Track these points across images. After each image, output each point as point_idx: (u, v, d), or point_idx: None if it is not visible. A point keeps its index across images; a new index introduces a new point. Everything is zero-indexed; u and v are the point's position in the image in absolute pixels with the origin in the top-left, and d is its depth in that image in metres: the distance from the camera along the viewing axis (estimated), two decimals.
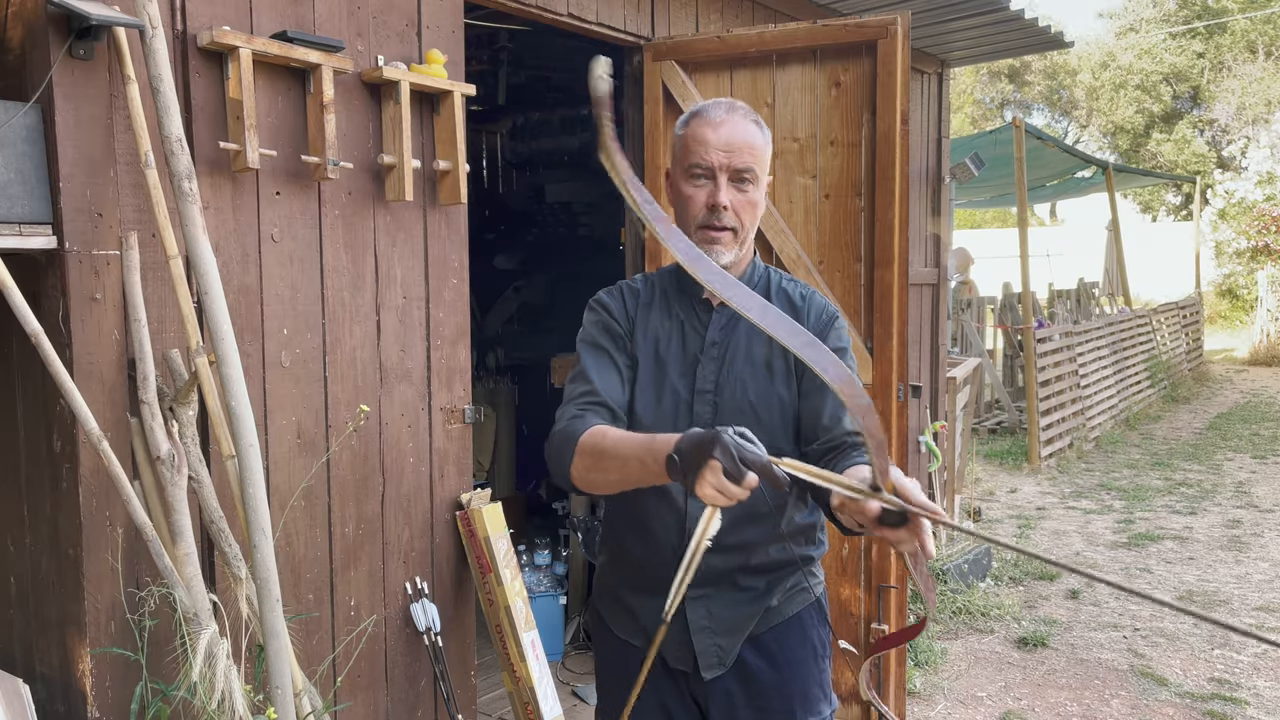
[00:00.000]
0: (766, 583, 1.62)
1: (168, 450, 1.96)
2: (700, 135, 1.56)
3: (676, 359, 1.61)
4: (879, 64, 3.03)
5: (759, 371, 1.59)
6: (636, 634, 1.67)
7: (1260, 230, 16.61)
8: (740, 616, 1.61)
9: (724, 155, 1.55)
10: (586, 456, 1.46)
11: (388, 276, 2.55)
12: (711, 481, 1.19)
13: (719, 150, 1.55)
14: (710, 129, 1.56)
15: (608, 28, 3.21)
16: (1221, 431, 9.48)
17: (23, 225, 1.89)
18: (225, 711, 1.84)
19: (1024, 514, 6.50)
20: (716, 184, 1.56)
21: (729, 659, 1.62)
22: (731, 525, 1.55)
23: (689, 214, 1.58)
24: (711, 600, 1.60)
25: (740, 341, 1.60)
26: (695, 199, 1.57)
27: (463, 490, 2.79)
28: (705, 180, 1.57)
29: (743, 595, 1.61)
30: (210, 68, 2.16)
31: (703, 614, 1.60)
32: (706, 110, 1.60)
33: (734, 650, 1.62)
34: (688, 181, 1.58)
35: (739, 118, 1.58)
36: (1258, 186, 17.66)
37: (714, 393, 1.58)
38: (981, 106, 25.80)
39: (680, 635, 1.61)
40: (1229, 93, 23.17)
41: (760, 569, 1.61)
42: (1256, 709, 3.55)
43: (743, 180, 1.57)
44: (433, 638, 2.65)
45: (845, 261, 3.18)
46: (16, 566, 2.22)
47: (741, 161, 1.56)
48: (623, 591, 1.70)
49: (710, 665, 1.61)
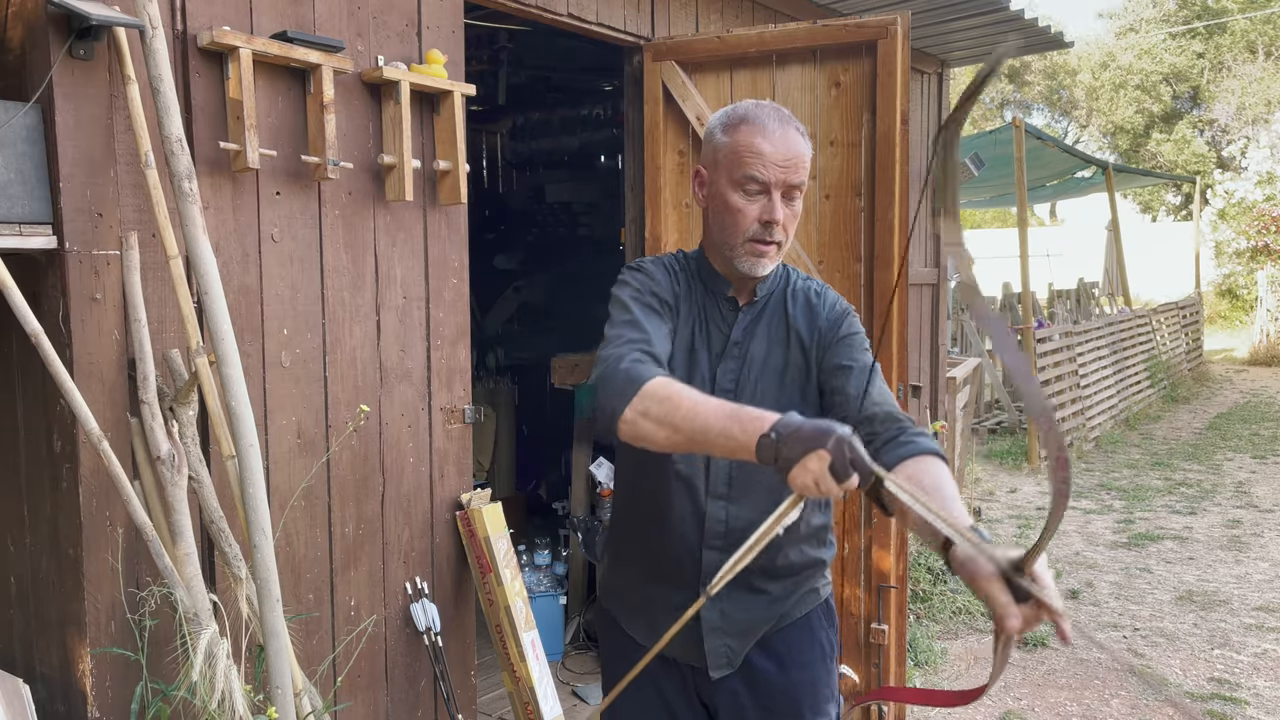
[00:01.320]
0: (782, 587, 1.62)
1: (168, 450, 1.96)
2: (756, 147, 1.52)
3: (702, 351, 1.61)
4: (879, 64, 3.03)
5: (775, 374, 1.59)
6: (648, 632, 1.66)
7: (1260, 230, 16.61)
8: (753, 619, 1.62)
9: (781, 171, 1.52)
10: (653, 401, 1.36)
11: (388, 276, 2.55)
12: (814, 470, 1.17)
13: (777, 166, 1.52)
14: (767, 141, 1.52)
15: (608, 28, 3.21)
16: (1221, 431, 9.48)
17: (23, 225, 1.89)
18: (225, 711, 1.84)
19: (1024, 514, 6.50)
20: (771, 199, 1.53)
21: (738, 660, 1.62)
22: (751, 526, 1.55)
23: (738, 226, 1.55)
24: (725, 601, 1.60)
25: (760, 343, 1.61)
26: (747, 212, 1.55)
27: (463, 490, 2.79)
28: (760, 194, 1.54)
29: (758, 599, 1.61)
30: (210, 68, 2.16)
31: (716, 614, 1.60)
32: (759, 118, 1.55)
33: (743, 652, 1.62)
34: (738, 192, 1.55)
35: (792, 130, 1.55)
36: (1257, 186, 17.66)
37: (734, 392, 1.58)
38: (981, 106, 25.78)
39: (692, 633, 1.61)
40: (1229, 93, 23.18)
41: (777, 573, 1.61)
42: (1256, 709, 3.55)
43: (792, 196, 1.56)
44: (433, 638, 2.65)
45: (845, 261, 3.18)
46: (16, 566, 2.22)
47: (797, 178, 1.54)
48: (638, 585, 1.70)
49: (719, 665, 1.62)
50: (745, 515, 1.56)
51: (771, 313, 1.63)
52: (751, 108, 1.58)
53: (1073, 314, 10.66)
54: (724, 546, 1.57)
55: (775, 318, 1.62)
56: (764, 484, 1.56)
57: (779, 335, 1.61)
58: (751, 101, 1.61)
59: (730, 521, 1.57)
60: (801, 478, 1.18)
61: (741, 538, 1.55)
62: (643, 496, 1.66)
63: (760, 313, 1.62)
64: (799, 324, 1.62)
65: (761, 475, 1.54)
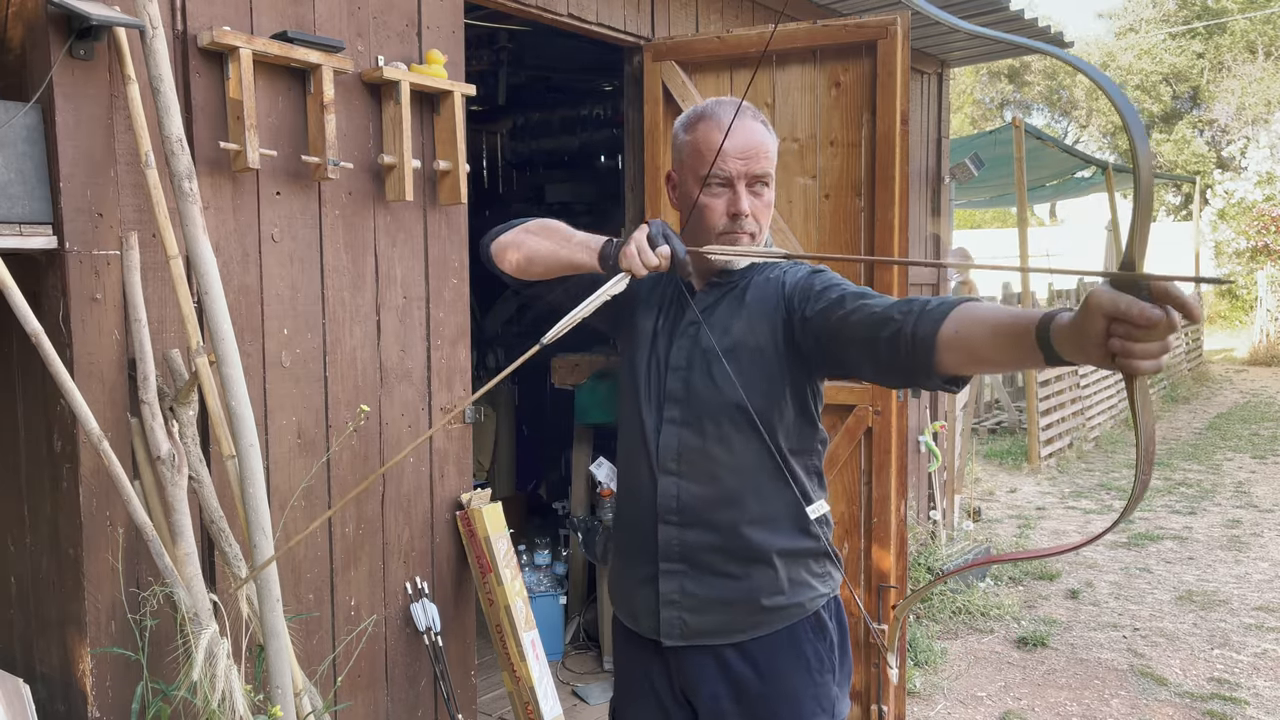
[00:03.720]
0: (748, 573, 1.60)
1: (168, 450, 1.96)
2: (714, 142, 1.53)
3: (665, 335, 1.64)
4: (879, 64, 3.03)
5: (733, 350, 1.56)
6: (624, 608, 1.72)
7: (1260, 230, 16.61)
8: (710, 597, 1.60)
9: (741, 163, 1.54)
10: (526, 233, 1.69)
11: (388, 276, 2.55)
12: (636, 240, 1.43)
13: (736, 158, 1.53)
14: (724, 135, 1.53)
15: (608, 28, 3.21)
16: (1221, 431, 9.48)
17: (23, 225, 1.89)
18: (226, 711, 1.84)
19: (1024, 514, 6.50)
20: (736, 192, 1.54)
21: (693, 636, 1.62)
22: (705, 503, 1.59)
23: (708, 222, 1.57)
24: (685, 577, 1.61)
25: (717, 322, 1.59)
26: (714, 208, 1.56)
27: (463, 490, 2.79)
28: (724, 189, 1.55)
29: (717, 580, 1.61)
30: (210, 68, 2.16)
31: (675, 587, 1.62)
32: (714, 114, 1.57)
33: (705, 632, 1.61)
34: (703, 189, 1.56)
35: (749, 121, 1.56)
36: (1257, 186, 17.66)
37: (685, 369, 1.60)
38: (981, 106, 25.80)
39: (652, 606, 1.64)
40: (1229, 93, 23.18)
41: (735, 554, 1.59)
42: (1256, 709, 3.55)
43: (759, 185, 1.56)
44: (433, 638, 2.65)
45: (845, 261, 3.18)
46: (16, 566, 2.22)
47: (759, 168, 1.55)
48: (615, 560, 1.75)
49: (671, 635, 1.62)
50: (696, 490, 1.59)
51: (738, 294, 1.61)
52: (710, 105, 1.60)
53: None
54: (679, 523, 1.59)
55: (738, 298, 1.61)
56: (715, 460, 1.58)
57: (739, 312, 1.59)
58: (713, 99, 1.63)
59: (682, 496, 1.59)
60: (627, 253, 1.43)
61: (695, 514, 1.58)
62: (621, 478, 1.74)
63: (724, 294, 1.62)
64: (765, 297, 1.58)
65: (709, 452, 1.58)
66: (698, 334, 1.60)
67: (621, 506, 1.74)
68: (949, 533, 5.37)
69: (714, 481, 1.58)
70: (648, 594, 1.64)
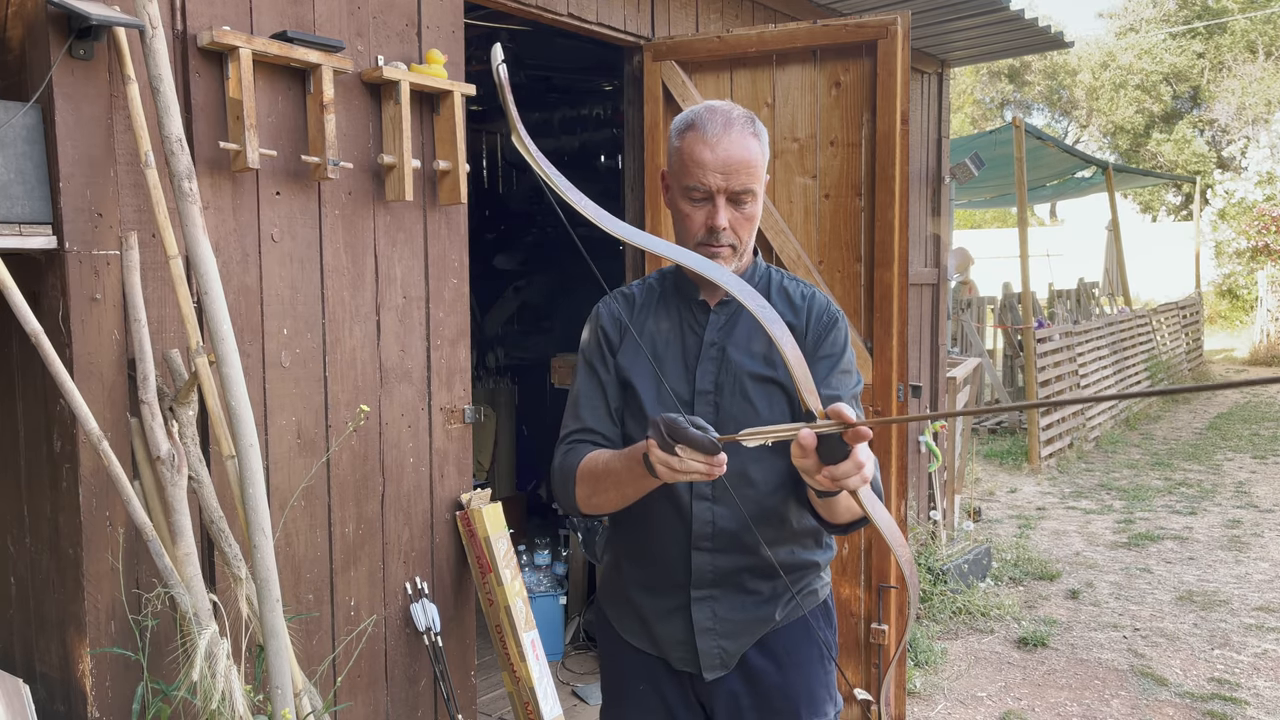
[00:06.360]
0: (773, 587, 1.61)
1: (168, 450, 1.96)
2: (697, 156, 1.53)
3: (676, 360, 1.61)
4: (879, 64, 3.03)
5: (760, 369, 1.58)
6: (643, 637, 1.67)
7: (1260, 230, 16.61)
8: (746, 620, 1.61)
9: (721, 178, 1.53)
10: (585, 485, 1.54)
11: (388, 276, 2.55)
12: (658, 458, 1.28)
13: (716, 173, 1.53)
14: (707, 149, 1.52)
15: (608, 28, 3.21)
16: (1221, 431, 9.48)
17: (23, 225, 1.89)
18: (226, 712, 1.84)
19: (1024, 514, 6.50)
20: (715, 205, 1.54)
21: (732, 661, 1.61)
22: (740, 525, 1.56)
23: (688, 231, 1.58)
24: (718, 602, 1.59)
25: (740, 341, 1.59)
26: (693, 218, 1.56)
27: (463, 490, 2.79)
28: (704, 201, 1.55)
29: (749, 599, 1.60)
30: (210, 68, 2.16)
31: (708, 615, 1.59)
32: (702, 124, 1.55)
33: (738, 654, 1.62)
34: (685, 199, 1.57)
35: (735, 133, 1.54)
36: (1258, 186, 17.67)
37: (714, 393, 1.57)
38: (981, 106, 25.81)
39: (684, 636, 1.60)
40: (1229, 93, 23.17)
41: (768, 572, 1.60)
42: (1256, 709, 3.55)
43: (740, 200, 1.55)
44: (433, 638, 2.65)
45: (845, 261, 3.18)
46: (16, 566, 2.22)
47: (740, 183, 1.54)
48: (631, 591, 1.69)
49: (712, 667, 1.61)
50: (732, 515, 1.56)
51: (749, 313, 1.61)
52: (701, 112, 1.58)
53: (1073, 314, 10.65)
54: (713, 548, 1.57)
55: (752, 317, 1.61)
56: (748, 482, 1.56)
57: (759, 330, 1.58)
58: (705, 104, 1.60)
59: (718, 522, 1.57)
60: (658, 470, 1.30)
61: (729, 537, 1.55)
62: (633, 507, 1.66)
63: (736, 312, 1.61)
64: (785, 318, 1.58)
65: (743, 474, 1.55)
66: (722, 356, 1.59)
67: (635, 537, 1.67)
68: (949, 533, 5.37)
69: (749, 504, 1.56)
70: (677, 624, 1.61)
